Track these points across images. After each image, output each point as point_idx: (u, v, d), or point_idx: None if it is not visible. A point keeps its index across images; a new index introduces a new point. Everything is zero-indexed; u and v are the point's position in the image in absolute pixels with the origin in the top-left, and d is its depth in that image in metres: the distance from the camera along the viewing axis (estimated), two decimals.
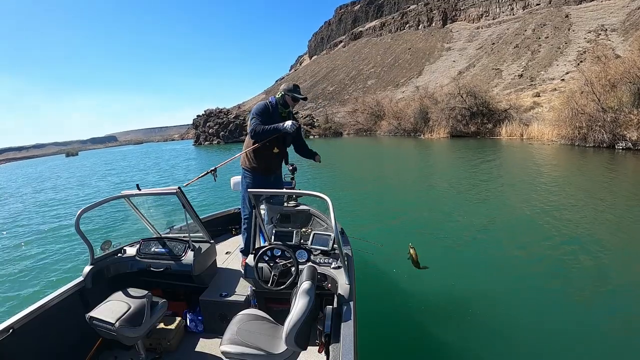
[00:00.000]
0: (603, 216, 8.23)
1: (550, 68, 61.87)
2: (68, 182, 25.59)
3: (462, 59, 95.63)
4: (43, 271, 7.38)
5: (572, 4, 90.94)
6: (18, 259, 8.38)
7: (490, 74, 72.11)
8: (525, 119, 28.99)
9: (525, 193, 10.72)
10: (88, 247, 3.49)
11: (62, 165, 57.38)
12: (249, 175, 4.41)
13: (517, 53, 78.92)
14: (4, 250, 9.23)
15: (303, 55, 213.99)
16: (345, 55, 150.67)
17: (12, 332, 2.73)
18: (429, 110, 36.90)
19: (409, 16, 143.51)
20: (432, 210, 10.03)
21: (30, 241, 9.81)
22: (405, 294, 5.49)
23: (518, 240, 7.29)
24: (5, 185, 30.68)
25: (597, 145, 19.26)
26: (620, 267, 5.80)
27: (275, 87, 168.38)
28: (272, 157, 4.35)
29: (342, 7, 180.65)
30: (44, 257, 8.27)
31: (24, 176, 41.00)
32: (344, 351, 2.26)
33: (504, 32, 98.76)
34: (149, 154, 60.78)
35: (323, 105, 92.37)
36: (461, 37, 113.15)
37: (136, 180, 11.50)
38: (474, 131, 31.56)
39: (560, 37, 75.55)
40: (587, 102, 19.91)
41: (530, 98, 39.86)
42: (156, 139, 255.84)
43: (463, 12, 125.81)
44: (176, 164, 32.11)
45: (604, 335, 4.19)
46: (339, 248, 3.02)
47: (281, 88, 4.26)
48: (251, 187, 4.27)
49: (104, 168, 37.11)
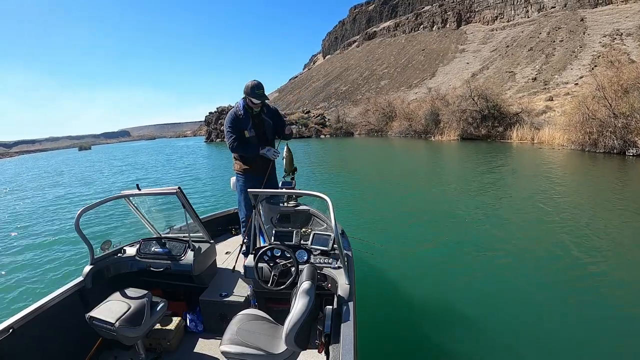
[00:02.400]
0: (612, 224, 8.08)
1: (565, 72, 61.21)
2: (71, 180, 25.29)
3: (476, 61, 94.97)
4: (43, 271, 7.40)
5: (587, 8, 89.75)
6: (18, 259, 8.37)
7: (503, 77, 71.54)
8: (536, 123, 28.69)
9: (529, 198, 10.62)
10: (88, 247, 3.52)
11: (71, 159, 57.98)
12: (241, 178, 4.53)
13: (531, 56, 78.17)
14: (3, 250, 9.20)
15: (317, 54, 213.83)
16: (359, 55, 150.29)
17: (12, 332, 2.74)
18: (439, 112, 36.73)
19: (423, 17, 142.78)
20: (434, 211, 10.05)
21: (30, 241, 9.81)
22: (405, 294, 5.51)
23: (521, 243, 7.26)
24: (11, 179, 30.72)
25: (608, 151, 18.99)
26: (633, 277, 5.68)
27: (288, 85, 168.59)
28: (258, 159, 4.41)
29: (357, 6, 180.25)
30: (44, 257, 8.29)
31: (30, 169, 41.49)
32: (344, 351, 2.26)
33: (519, 34, 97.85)
34: (163, 149, 61.25)
35: (336, 105, 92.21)
36: (475, 39, 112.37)
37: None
38: (484, 134, 31.33)
39: (575, 41, 74.67)
40: (598, 107, 19.59)
41: (543, 102, 39.51)
42: (169, 135, 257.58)
43: (478, 13, 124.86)
44: (191, 164, 31.94)
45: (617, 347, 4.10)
46: (339, 248, 3.01)
47: (243, 90, 4.25)
48: (245, 190, 4.42)
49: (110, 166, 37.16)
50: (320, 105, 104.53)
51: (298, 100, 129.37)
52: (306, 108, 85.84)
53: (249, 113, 4.28)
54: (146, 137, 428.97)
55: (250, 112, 4.29)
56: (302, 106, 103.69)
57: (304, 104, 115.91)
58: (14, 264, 7.96)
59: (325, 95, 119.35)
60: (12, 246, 9.42)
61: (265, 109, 4.39)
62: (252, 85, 4.13)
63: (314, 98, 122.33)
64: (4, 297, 6.29)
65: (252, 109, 4.27)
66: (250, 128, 4.27)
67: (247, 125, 4.27)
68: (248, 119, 4.28)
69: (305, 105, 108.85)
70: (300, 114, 65.34)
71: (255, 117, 4.31)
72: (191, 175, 21.09)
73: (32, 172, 37.38)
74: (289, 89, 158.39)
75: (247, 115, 4.28)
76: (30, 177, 30.85)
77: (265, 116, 4.38)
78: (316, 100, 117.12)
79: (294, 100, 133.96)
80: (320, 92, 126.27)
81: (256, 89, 4.12)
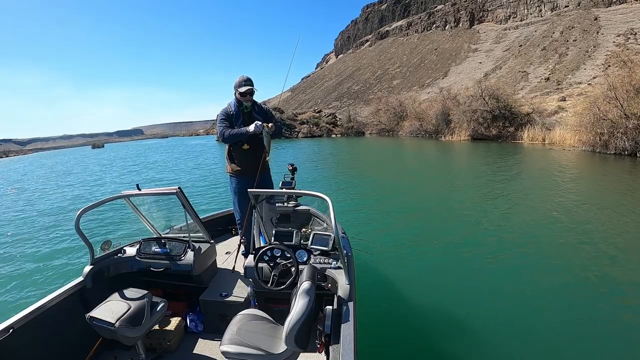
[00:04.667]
0: (624, 228, 7.96)
1: (578, 72, 60.44)
2: (79, 180, 24.95)
3: (489, 60, 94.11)
4: (43, 271, 7.42)
5: (601, 7, 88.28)
6: (18, 259, 8.38)
7: (516, 77, 70.85)
8: (548, 123, 28.55)
9: (536, 200, 10.61)
10: (88, 247, 3.53)
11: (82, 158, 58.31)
12: (234, 180, 4.59)
13: (545, 56, 77.28)
14: (3, 250, 9.21)
15: (329, 53, 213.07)
16: (372, 54, 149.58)
17: (12, 332, 2.74)
18: (450, 111, 36.70)
19: (435, 16, 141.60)
20: (438, 211, 10.06)
21: (30, 241, 9.82)
22: (406, 294, 5.53)
23: (526, 246, 7.21)
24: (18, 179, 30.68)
25: (619, 152, 18.82)
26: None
27: (301, 85, 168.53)
28: (246, 155, 4.45)
29: (369, 6, 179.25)
30: (44, 257, 8.31)
31: (38, 168, 41.79)
32: (344, 351, 2.26)
33: (532, 34, 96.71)
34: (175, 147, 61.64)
35: (348, 105, 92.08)
36: (488, 39, 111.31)
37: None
38: (495, 134, 31.34)
39: (588, 41, 73.63)
40: (609, 107, 19.45)
41: (555, 102, 39.14)
42: (181, 134, 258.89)
43: (490, 13, 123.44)
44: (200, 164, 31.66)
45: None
46: (339, 248, 3.01)
47: (233, 85, 4.34)
48: (237, 192, 4.55)
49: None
50: (332, 104, 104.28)
51: (310, 100, 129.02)
52: (318, 107, 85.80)
53: (240, 110, 4.38)
54: (159, 135, 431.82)
55: (241, 110, 4.38)
56: (315, 105, 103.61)
57: (317, 103, 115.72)
58: (14, 264, 8.00)
59: (337, 95, 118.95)
60: (12, 246, 9.46)
61: (256, 107, 4.48)
62: (240, 78, 4.25)
63: (326, 97, 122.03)
64: (4, 297, 6.32)
65: (242, 104, 4.36)
66: (240, 124, 4.35)
67: (237, 121, 4.36)
68: (239, 115, 4.37)
69: (318, 104, 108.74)
70: (312, 114, 65.46)
71: (246, 114, 4.40)
72: (203, 175, 20.87)
73: (43, 170, 37.37)
74: (302, 88, 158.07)
75: (238, 112, 4.38)
76: (37, 176, 30.86)
77: (256, 114, 4.45)
78: (328, 100, 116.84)
79: (307, 99, 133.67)
80: (333, 92, 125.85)
81: (243, 81, 4.23)
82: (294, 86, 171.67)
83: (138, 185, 3.68)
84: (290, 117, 61.82)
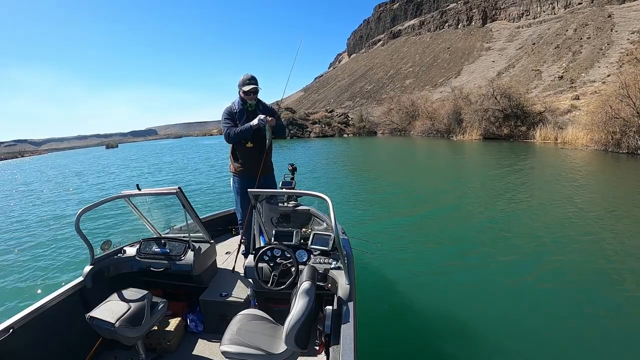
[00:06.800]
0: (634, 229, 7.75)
1: (592, 70, 59.74)
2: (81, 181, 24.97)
3: (502, 59, 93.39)
4: (43, 271, 7.40)
5: (615, 4, 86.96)
6: (18, 259, 8.38)
7: (529, 75, 70.26)
8: (561, 122, 28.33)
9: (546, 200, 10.45)
10: (88, 247, 3.53)
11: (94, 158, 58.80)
12: (237, 180, 4.53)
13: (558, 54, 76.47)
14: (3, 250, 9.23)
15: (342, 53, 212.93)
16: (384, 53, 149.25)
17: (12, 332, 2.74)
18: (462, 111, 36.62)
19: (448, 15, 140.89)
20: (441, 211, 10.03)
21: (30, 241, 9.83)
22: (406, 294, 5.51)
23: (532, 247, 7.12)
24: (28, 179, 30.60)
25: (631, 152, 18.70)
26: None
27: (314, 84, 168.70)
28: (250, 153, 4.38)
29: (381, 5, 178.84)
30: (44, 257, 8.30)
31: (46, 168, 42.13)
32: (344, 351, 2.26)
33: (545, 32, 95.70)
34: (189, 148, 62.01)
35: (360, 104, 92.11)
36: (501, 37, 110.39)
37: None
38: (507, 134, 31.24)
39: (602, 38, 72.67)
40: (622, 106, 19.32)
41: (569, 101, 38.86)
42: (195, 134, 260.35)
43: (503, 11, 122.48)
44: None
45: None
46: (339, 248, 3.00)
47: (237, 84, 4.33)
48: (239, 191, 4.50)
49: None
50: (345, 104, 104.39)
51: (323, 99, 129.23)
52: (331, 107, 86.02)
53: (244, 109, 4.34)
54: (172, 135, 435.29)
55: (245, 108, 4.35)
56: (327, 105, 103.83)
57: (329, 102, 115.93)
58: (14, 264, 8.02)
59: (350, 94, 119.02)
60: (13, 246, 9.49)
61: (260, 106, 4.43)
62: (244, 77, 4.25)
63: (339, 97, 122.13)
64: (4, 297, 6.32)
65: (247, 102, 4.32)
66: (243, 123, 4.29)
67: (241, 119, 4.32)
68: (243, 114, 4.33)
69: (330, 104, 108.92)
70: (324, 113, 65.61)
71: (250, 113, 4.34)
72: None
73: (55, 171, 37.40)
74: (314, 88, 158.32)
75: (242, 110, 4.34)
76: (48, 177, 30.84)
77: (260, 112, 4.36)
78: (341, 99, 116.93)
79: (319, 99, 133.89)
80: (345, 91, 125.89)
81: (248, 80, 4.23)
82: (306, 86, 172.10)
83: (138, 185, 3.68)
84: (302, 116, 61.95)
